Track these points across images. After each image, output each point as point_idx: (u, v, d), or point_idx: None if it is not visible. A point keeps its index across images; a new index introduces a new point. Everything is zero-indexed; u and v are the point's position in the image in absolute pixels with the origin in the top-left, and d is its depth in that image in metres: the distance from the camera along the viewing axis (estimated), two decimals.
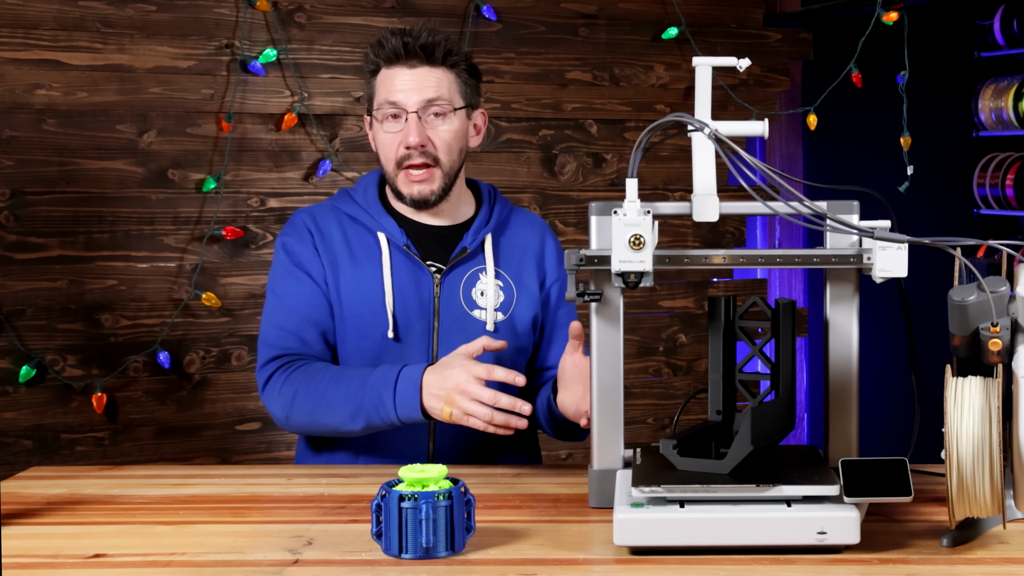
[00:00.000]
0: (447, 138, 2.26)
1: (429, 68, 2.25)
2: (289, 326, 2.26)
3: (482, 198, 2.39)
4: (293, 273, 2.29)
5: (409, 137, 2.23)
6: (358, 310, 2.26)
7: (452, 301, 2.28)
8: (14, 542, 1.76)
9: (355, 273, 2.28)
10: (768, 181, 1.73)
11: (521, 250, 2.37)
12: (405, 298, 2.27)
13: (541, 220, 2.46)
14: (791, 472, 1.74)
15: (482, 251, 2.33)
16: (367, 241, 2.30)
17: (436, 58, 2.25)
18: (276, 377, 2.24)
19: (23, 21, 3.21)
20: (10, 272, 3.22)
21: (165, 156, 3.37)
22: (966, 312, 1.67)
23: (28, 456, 3.23)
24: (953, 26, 4.62)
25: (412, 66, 2.25)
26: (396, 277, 2.27)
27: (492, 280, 2.31)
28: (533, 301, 2.35)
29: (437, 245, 2.32)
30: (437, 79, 2.25)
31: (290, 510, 1.95)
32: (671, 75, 3.89)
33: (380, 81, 2.28)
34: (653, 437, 3.90)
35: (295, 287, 2.28)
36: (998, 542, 1.71)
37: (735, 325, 1.91)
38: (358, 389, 2.13)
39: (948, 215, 4.69)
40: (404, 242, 2.28)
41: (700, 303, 3.96)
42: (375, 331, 2.26)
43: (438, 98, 2.25)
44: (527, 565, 1.64)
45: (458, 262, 2.30)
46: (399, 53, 2.25)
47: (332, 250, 2.29)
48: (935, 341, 2.34)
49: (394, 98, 2.24)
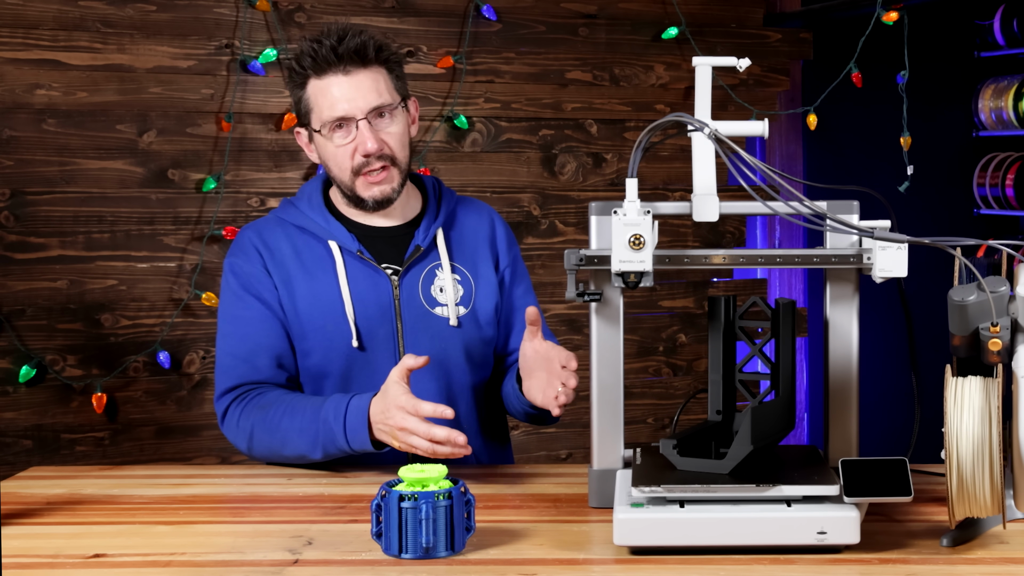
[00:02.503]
0: (399, 136, 2.24)
1: (364, 70, 2.20)
2: (241, 353, 2.23)
3: (427, 193, 2.37)
4: (242, 298, 2.26)
5: (367, 144, 2.19)
6: (319, 323, 2.24)
7: (413, 302, 2.26)
8: (14, 542, 1.76)
9: (311, 286, 2.25)
10: (768, 181, 1.73)
11: (473, 240, 2.35)
12: (365, 305, 2.24)
13: (487, 206, 2.44)
14: (791, 472, 1.74)
15: (435, 247, 2.30)
16: (318, 251, 2.27)
17: (370, 58, 2.20)
18: (232, 410, 2.22)
19: (23, 21, 3.21)
20: (10, 272, 3.22)
21: (165, 156, 3.37)
22: (966, 312, 1.67)
23: (28, 456, 3.23)
24: (953, 26, 4.62)
25: (347, 72, 2.19)
26: (353, 285, 2.24)
27: (449, 275, 2.29)
28: (492, 290, 2.33)
29: (390, 246, 2.29)
30: (375, 80, 2.21)
31: (290, 510, 1.95)
32: (671, 75, 3.89)
33: (315, 93, 2.21)
34: (653, 437, 3.90)
35: (244, 312, 2.25)
36: (998, 542, 1.71)
37: (735, 325, 1.91)
38: (311, 422, 2.11)
39: (948, 215, 4.69)
40: (357, 248, 2.25)
41: (700, 303, 3.96)
42: (339, 343, 2.23)
43: (382, 103, 2.21)
44: (527, 565, 1.64)
45: (413, 262, 2.27)
46: (331, 60, 2.19)
47: (283, 266, 2.26)
48: (935, 341, 2.33)
49: (339, 110, 2.19)
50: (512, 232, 2.45)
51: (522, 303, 2.37)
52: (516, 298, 2.38)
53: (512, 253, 2.39)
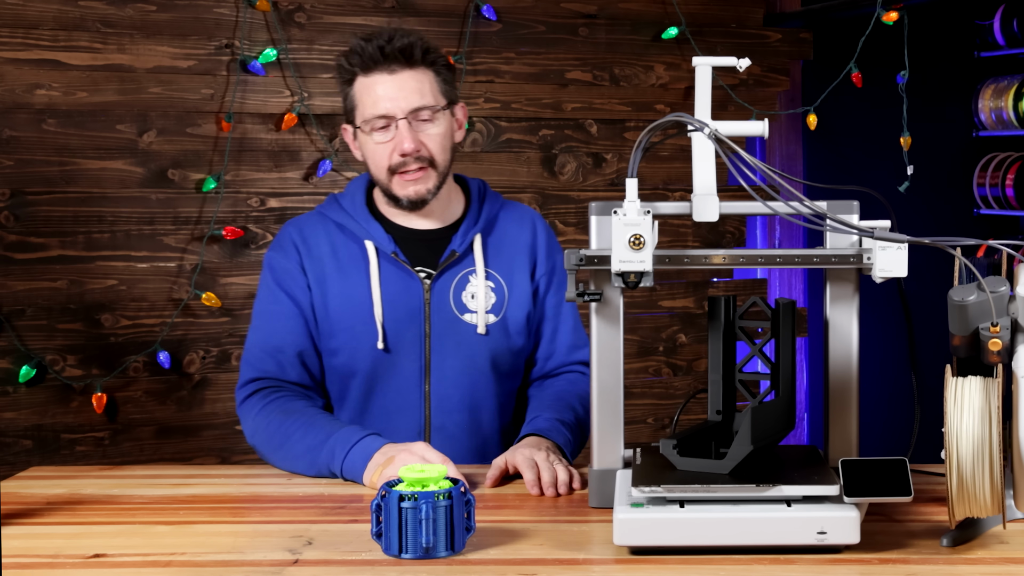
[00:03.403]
0: (439, 139, 2.24)
1: (410, 71, 2.22)
2: (267, 347, 2.27)
3: (471, 196, 2.37)
4: (274, 292, 2.29)
5: (404, 144, 2.20)
6: (348, 323, 2.25)
7: (442, 307, 2.27)
8: (14, 542, 1.76)
9: (343, 285, 2.26)
10: (768, 181, 1.73)
11: (512, 246, 2.34)
12: (395, 307, 2.25)
13: (532, 212, 2.41)
14: (791, 472, 1.74)
15: (471, 252, 2.30)
16: (354, 250, 2.28)
17: (416, 59, 2.22)
18: (252, 401, 2.24)
19: (23, 21, 3.21)
20: (10, 272, 3.22)
21: (165, 156, 3.37)
22: (966, 312, 1.67)
23: (28, 456, 3.23)
24: (953, 26, 4.62)
25: (392, 71, 2.21)
26: (385, 286, 2.25)
27: (483, 282, 2.29)
28: (526, 299, 2.32)
29: (426, 250, 2.29)
30: (419, 82, 2.22)
31: (290, 510, 1.95)
32: (671, 75, 3.89)
33: (360, 91, 2.23)
34: (653, 437, 3.90)
35: (275, 307, 2.28)
36: (998, 542, 1.71)
37: (735, 325, 1.91)
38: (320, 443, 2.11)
39: (948, 215, 4.69)
40: (392, 249, 2.26)
41: (700, 303, 3.96)
42: (365, 343, 2.25)
43: (424, 102, 2.22)
44: (527, 565, 1.64)
45: (448, 266, 2.28)
46: (377, 59, 2.21)
47: (319, 263, 2.28)
48: (935, 341, 2.33)
49: (381, 108, 2.21)
50: (555, 239, 2.41)
51: (554, 313, 2.36)
52: (548, 307, 2.36)
53: (552, 261, 2.36)
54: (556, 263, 2.36)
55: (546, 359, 2.36)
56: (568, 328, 2.36)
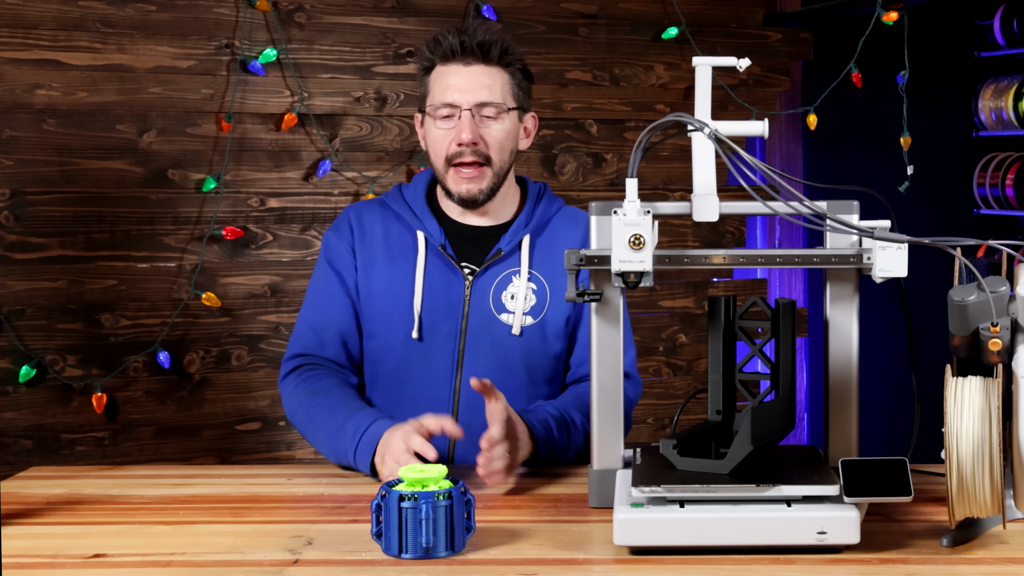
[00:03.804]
0: (499, 137, 2.26)
1: (484, 67, 2.25)
2: (313, 324, 2.33)
3: (528, 197, 2.37)
4: (325, 271, 2.34)
5: (462, 134, 2.23)
6: (387, 309, 2.29)
7: (481, 304, 2.28)
8: (14, 542, 1.76)
9: (389, 272, 2.30)
10: (768, 181, 1.73)
11: (561, 249, 2.32)
12: (434, 299, 2.27)
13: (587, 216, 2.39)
14: (791, 472, 1.74)
15: (519, 252, 2.31)
16: (407, 240, 2.32)
17: (492, 57, 2.25)
18: (291, 378, 2.30)
19: (23, 21, 3.21)
20: (10, 272, 3.22)
21: (165, 156, 3.37)
22: (966, 312, 1.67)
23: (28, 456, 3.23)
24: (953, 26, 4.62)
25: (467, 63, 2.25)
26: (428, 278, 2.28)
27: (524, 283, 2.29)
28: (567, 303, 2.28)
29: (476, 246, 2.31)
30: (491, 78, 2.25)
31: (290, 510, 1.95)
32: (671, 75, 3.89)
33: (434, 78, 2.28)
34: (653, 437, 3.90)
35: (325, 285, 2.33)
36: (998, 542, 1.71)
37: (735, 325, 1.91)
38: (338, 429, 2.14)
39: (948, 215, 4.69)
40: (441, 242, 2.29)
41: (700, 303, 3.96)
42: (401, 331, 2.27)
43: (492, 99, 2.24)
44: (527, 565, 1.64)
45: (492, 264, 2.29)
46: (455, 50, 2.25)
47: (370, 247, 2.32)
48: (935, 341, 2.33)
49: (448, 97, 2.24)
50: None
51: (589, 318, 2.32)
52: (586, 312, 2.32)
53: None
54: None
55: (579, 364, 2.35)
56: None
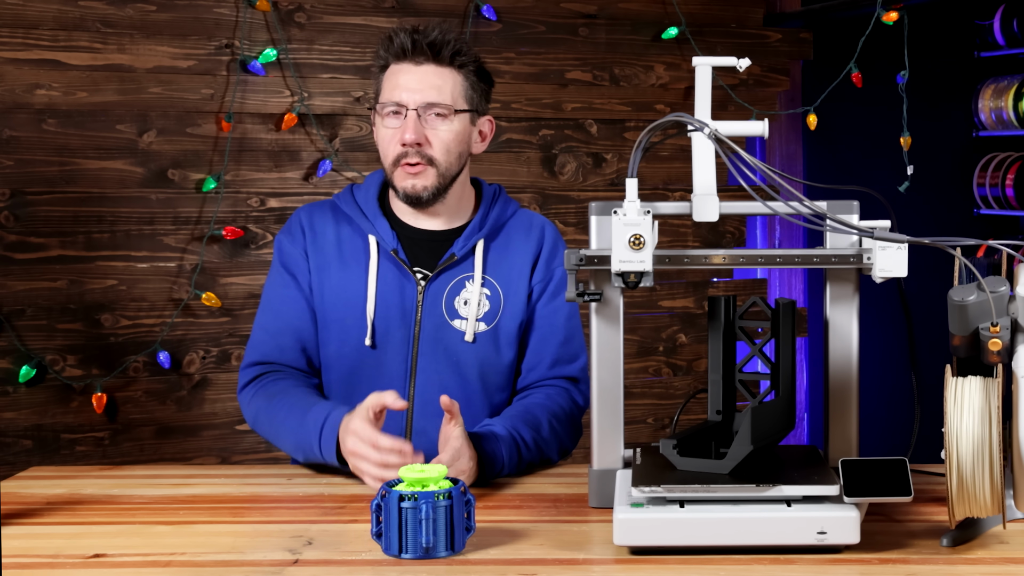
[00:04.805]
0: (446, 139, 2.22)
1: (435, 67, 2.22)
2: (270, 328, 2.29)
3: (483, 201, 2.33)
4: (280, 274, 2.30)
5: (405, 134, 2.20)
6: (340, 315, 2.25)
7: (434, 310, 2.25)
8: (14, 542, 1.76)
9: (341, 277, 2.26)
10: (768, 181, 1.73)
11: (516, 254, 2.29)
12: (387, 305, 2.24)
13: (543, 220, 2.36)
14: (791, 472, 1.74)
15: (472, 257, 2.28)
16: (358, 244, 2.28)
17: (443, 57, 2.23)
18: (249, 388, 2.27)
19: (23, 21, 3.21)
20: (10, 272, 3.22)
21: (165, 156, 3.37)
22: (966, 312, 1.67)
23: (28, 456, 3.23)
24: (953, 26, 4.62)
25: (418, 63, 2.23)
26: (381, 283, 2.25)
27: (478, 288, 2.25)
28: (521, 308, 2.27)
29: (428, 251, 2.28)
30: (441, 79, 2.22)
31: (290, 510, 1.95)
32: (671, 75, 3.89)
33: (387, 77, 2.26)
34: (653, 437, 3.90)
35: (280, 290, 2.30)
36: (998, 542, 1.71)
37: (735, 325, 1.91)
38: (299, 425, 2.13)
39: (948, 215, 4.69)
40: (393, 247, 2.25)
41: (700, 303, 3.96)
42: (353, 337, 2.24)
43: (440, 99, 2.21)
44: (527, 565, 1.64)
45: (446, 269, 2.26)
46: (407, 49, 2.23)
47: (322, 251, 2.28)
48: (935, 341, 2.33)
49: (396, 96, 2.22)
50: (563, 250, 2.32)
51: (543, 323, 2.28)
52: (538, 316, 2.29)
53: (550, 270, 2.30)
54: (555, 273, 2.31)
55: (529, 370, 2.30)
56: (557, 341, 2.28)
